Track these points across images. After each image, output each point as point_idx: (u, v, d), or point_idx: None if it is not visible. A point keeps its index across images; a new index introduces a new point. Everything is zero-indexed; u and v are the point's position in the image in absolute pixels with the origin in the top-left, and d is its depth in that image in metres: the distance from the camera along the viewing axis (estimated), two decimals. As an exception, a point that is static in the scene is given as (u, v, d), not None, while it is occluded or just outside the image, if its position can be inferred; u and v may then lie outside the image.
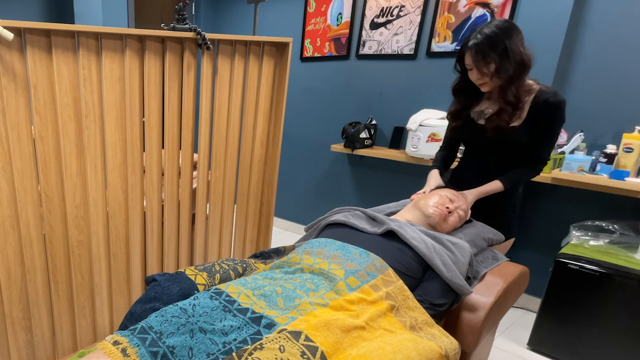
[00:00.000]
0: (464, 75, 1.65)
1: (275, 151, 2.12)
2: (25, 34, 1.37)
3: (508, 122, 1.58)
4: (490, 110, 1.64)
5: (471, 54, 1.52)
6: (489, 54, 1.49)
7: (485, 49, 1.49)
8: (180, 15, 1.70)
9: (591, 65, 2.29)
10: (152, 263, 1.92)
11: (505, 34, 1.48)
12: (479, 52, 1.50)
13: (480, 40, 1.49)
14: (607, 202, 2.31)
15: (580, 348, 2.08)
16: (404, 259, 1.31)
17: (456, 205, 1.56)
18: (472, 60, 1.53)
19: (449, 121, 1.82)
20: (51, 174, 1.55)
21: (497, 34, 1.48)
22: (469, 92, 1.70)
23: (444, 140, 1.92)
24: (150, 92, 1.67)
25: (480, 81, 1.58)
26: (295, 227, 3.86)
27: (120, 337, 0.93)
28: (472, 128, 1.71)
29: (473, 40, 1.51)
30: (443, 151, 1.90)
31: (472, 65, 1.55)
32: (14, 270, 1.56)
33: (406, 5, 2.83)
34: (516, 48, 1.49)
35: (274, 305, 1.05)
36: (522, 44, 1.51)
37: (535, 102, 1.57)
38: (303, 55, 3.47)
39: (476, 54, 1.51)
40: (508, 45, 1.47)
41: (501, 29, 1.48)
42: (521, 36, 1.51)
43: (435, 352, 1.06)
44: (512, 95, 1.54)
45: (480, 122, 1.68)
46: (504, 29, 1.48)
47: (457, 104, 1.75)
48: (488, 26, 1.50)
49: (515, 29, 1.50)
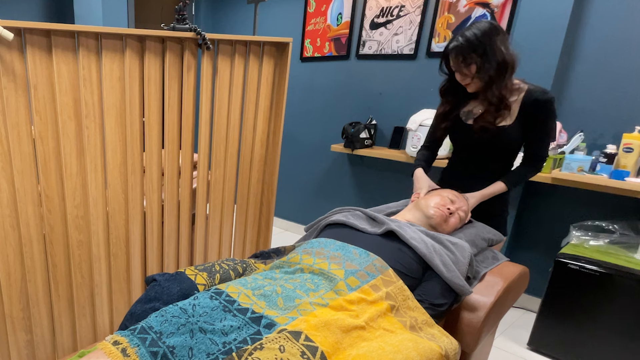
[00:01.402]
0: (450, 76, 1.67)
1: (275, 151, 2.12)
2: (25, 34, 1.37)
3: (493, 122, 1.59)
4: (480, 110, 1.65)
5: (452, 57, 1.55)
6: (469, 56, 1.51)
7: (465, 51, 1.51)
8: (180, 15, 1.70)
9: (591, 65, 2.29)
10: (152, 263, 1.92)
11: (485, 36, 1.49)
12: (459, 55, 1.53)
13: (460, 42, 1.51)
14: (607, 202, 2.31)
15: (580, 348, 2.08)
16: (404, 259, 1.31)
17: (457, 207, 1.56)
18: (453, 62, 1.56)
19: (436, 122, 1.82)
20: (51, 174, 1.55)
21: (477, 36, 1.49)
22: (456, 93, 1.71)
23: (426, 138, 1.92)
24: (150, 92, 1.67)
25: (464, 82, 1.60)
26: (295, 227, 3.86)
27: (120, 337, 0.93)
28: (462, 128, 1.71)
29: (454, 42, 1.53)
30: (425, 150, 1.90)
31: (455, 67, 1.57)
32: (14, 270, 1.56)
33: (406, 5, 2.83)
34: (497, 48, 1.49)
35: (274, 305, 1.05)
36: (505, 44, 1.52)
37: (524, 101, 1.57)
38: (303, 55, 3.47)
39: (456, 57, 1.54)
40: (488, 46, 1.49)
41: (481, 31, 1.50)
42: (504, 37, 1.52)
43: (435, 352, 1.06)
44: (493, 95, 1.55)
45: (469, 122, 1.69)
46: (485, 30, 1.50)
47: (445, 105, 1.75)
48: (469, 28, 1.52)
49: (495, 29, 1.51)
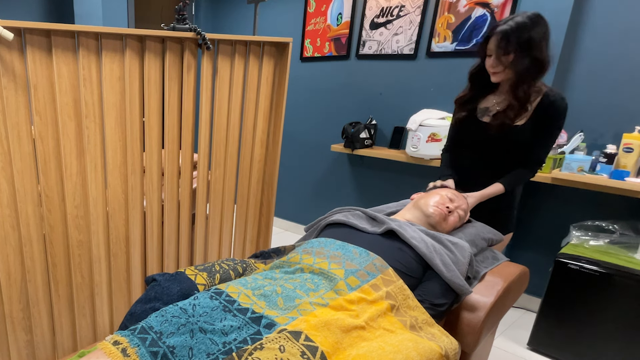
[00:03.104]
0: (483, 60, 1.64)
1: (275, 151, 2.12)
2: (25, 34, 1.37)
3: (513, 119, 1.59)
4: (498, 108, 1.64)
5: (496, 39, 1.52)
6: (512, 43, 1.48)
7: (510, 37, 1.48)
8: (180, 15, 1.70)
9: (591, 65, 2.29)
10: (152, 263, 1.92)
11: (533, 28, 1.47)
12: (503, 39, 1.50)
13: (509, 27, 1.48)
14: (607, 202, 2.31)
15: (580, 348, 2.08)
16: (404, 258, 1.31)
17: (456, 205, 1.56)
18: (494, 45, 1.53)
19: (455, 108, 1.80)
20: (51, 174, 1.55)
21: (527, 25, 1.47)
22: (481, 81, 1.69)
23: (448, 139, 1.90)
24: (150, 92, 1.67)
25: (493, 69, 1.57)
26: (295, 227, 3.86)
27: (120, 337, 0.93)
28: (475, 125, 1.71)
29: (503, 26, 1.50)
30: (449, 154, 1.88)
31: (493, 50, 1.54)
32: (14, 270, 1.56)
33: (406, 5, 2.83)
34: (539, 45, 1.48)
35: (274, 305, 1.05)
36: (547, 44, 1.51)
37: (542, 102, 1.57)
38: (303, 55, 3.47)
39: (500, 40, 1.50)
40: (534, 40, 1.47)
41: (532, 21, 1.48)
42: (548, 36, 1.51)
43: (435, 352, 1.06)
44: (522, 91, 1.54)
45: (484, 120, 1.68)
46: (535, 22, 1.48)
47: (468, 91, 1.74)
48: (521, 15, 1.50)
49: (546, 26, 1.50)
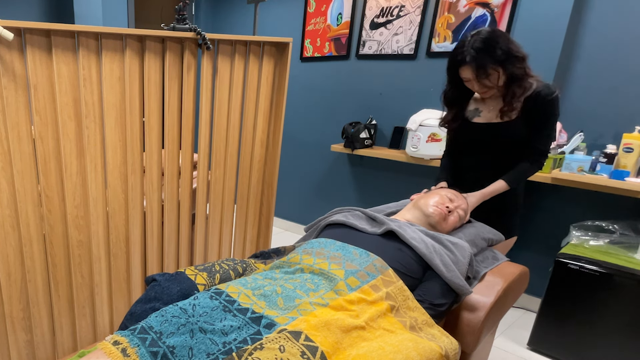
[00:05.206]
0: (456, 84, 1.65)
1: (275, 151, 2.12)
2: (25, 34, 1.37)
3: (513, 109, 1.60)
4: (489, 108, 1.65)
5: (471, 69, 1.52)
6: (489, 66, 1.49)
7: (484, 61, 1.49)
8: (180, 15, 1.70)
9: (591, 65, 2.29)
10: (152, 263, 1.92)
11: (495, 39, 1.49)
12: (479, 68, 1.50)
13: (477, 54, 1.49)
14: (607, 202, 2.31)
15: (580, 348, 2.08)
16: (404, 259, 1.31)
17: (456, 205, 1.56)
18: (472, 76, 1.54)
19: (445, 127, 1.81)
20: (51, 174, 1.55)
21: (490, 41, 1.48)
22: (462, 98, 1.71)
23: (447, 144, 1.90)
24: (150, 92, 1.67)
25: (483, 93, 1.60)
26: (295, 227, 3.86)
27: (120, 337, 0.93)
28: (468, 127, 1.71)
29: (469, 55, 1.50)
30: (448, 159, 1.88)
31: (472, 79, 1.55)
32: (14, 270, 1.56)
33: (406, 5, 2.83)
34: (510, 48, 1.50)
35: (274, 305, 1.05)
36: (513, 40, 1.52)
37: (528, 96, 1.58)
38: (303, 55, 3.47)
39: (477, 69, 1.51)
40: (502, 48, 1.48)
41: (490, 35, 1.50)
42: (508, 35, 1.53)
43: (435, 352, 1.06)
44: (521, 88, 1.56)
45: (475, 121, 1.69)
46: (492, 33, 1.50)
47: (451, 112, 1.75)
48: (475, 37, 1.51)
49: (499, 30, 1.52)
